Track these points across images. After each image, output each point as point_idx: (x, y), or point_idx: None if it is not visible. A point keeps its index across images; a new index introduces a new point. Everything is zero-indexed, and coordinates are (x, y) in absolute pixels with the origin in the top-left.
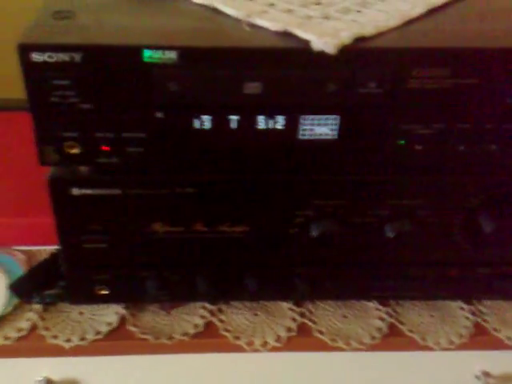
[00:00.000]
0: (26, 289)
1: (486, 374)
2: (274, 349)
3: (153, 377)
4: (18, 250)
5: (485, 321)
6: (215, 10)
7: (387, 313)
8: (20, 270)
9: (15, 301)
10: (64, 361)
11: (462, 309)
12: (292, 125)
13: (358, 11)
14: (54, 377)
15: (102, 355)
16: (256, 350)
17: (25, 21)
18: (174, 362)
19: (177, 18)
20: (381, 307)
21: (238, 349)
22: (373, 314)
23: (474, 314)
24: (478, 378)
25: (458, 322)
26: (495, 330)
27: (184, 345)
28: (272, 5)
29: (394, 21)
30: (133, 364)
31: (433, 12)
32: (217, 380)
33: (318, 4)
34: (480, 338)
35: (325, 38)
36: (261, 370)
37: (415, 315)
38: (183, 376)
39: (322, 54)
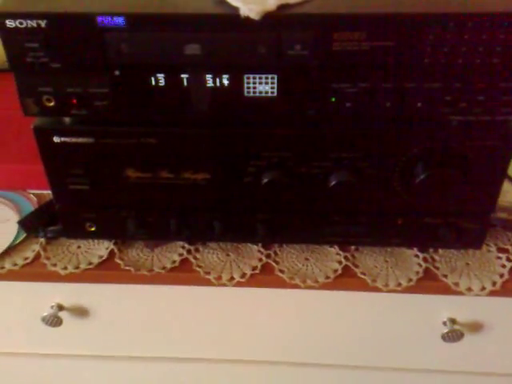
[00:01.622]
0: (32, 224)
1: (453, 321)
2: (239, 283)
3: (153, 308)
4: (31, 193)
5: (436, 268)
6: None
7: (345, 257)
8: (31, 209)
9: (24, 234)
10: (72, 289)
11: (416, 256)
12: (237, 83)
13: None
14: (65, 303)
15: (92, 282)
16: (223, 285)
17: None
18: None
19: None
20: (341, 252)
21: (208, 283)
22: (332, 258)
23: (426, 261)
24: (444, 323)
25: (410, 267)
26: (444, 276)
27: (161, 277)
28: None
29: None
30: (135, 295)
31: None
32: (193, 310)
33: None
34: (428, 283)
35: (250, 6)
36: (226, 302)
37: (371, 260)
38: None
39: (249, 20)
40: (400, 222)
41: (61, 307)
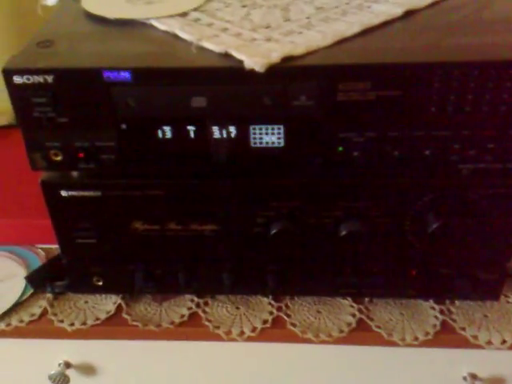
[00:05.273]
0: (39, 280)
1: (473, 376)
2: (250, 338)
3: (162, 365)
4: (40, 248)
5: (453, 320)
6: (175, 36)
7: (359, 310)
8: (39, 264)
9: (31, 290)
10: (80, 346)
11: (432, 308)
12: (243, 134)
13: (300, 33)
14: (73, 361)
15: (99, 339)
16: (233, 340)
17: None
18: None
19: (138, 43)
20: (354, 304)
21: (218, 337)
22: (345, 311)
23: (443, 313)
24: (464, 379)
25: (427, 320)
26: (462, 329)
27: (169, 332)
28: (225, 29)
29: (326, 40)
30: (144, 351)
31: (367, 32)
32: (203, 366)
33: (268, 27)
34: (446, 337)
35: (254, 58)
36: (237, 358)
37: (386, 313)
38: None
39: (253, 72)
40: (414, 273)
41: (68, 365)
